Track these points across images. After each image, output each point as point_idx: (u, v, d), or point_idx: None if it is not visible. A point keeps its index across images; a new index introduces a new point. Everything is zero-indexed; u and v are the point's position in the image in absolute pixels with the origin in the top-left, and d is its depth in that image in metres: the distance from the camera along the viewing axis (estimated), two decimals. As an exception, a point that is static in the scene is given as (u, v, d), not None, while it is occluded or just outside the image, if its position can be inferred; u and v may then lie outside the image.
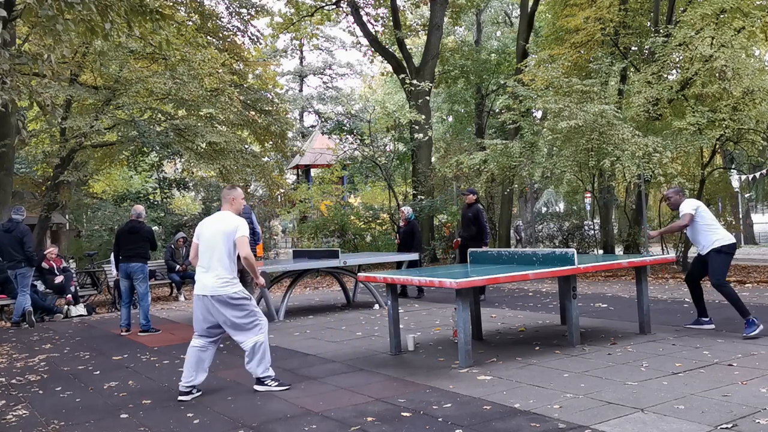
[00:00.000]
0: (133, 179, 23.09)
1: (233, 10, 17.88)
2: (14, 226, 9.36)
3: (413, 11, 24.43)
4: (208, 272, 4.81)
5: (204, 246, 4.88)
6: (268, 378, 4.91)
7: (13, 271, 9.32)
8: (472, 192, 10.15)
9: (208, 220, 5.00)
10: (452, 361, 5.55)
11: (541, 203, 30.54)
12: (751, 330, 5.95)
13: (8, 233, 9.27)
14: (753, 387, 4.30)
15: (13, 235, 9.24)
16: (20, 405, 4.85)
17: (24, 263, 9.29)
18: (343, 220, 17.92)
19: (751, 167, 20.33)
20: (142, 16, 8.42)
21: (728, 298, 6.12)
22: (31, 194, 18.22)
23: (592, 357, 5.48)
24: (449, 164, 15.47)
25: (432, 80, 19.40)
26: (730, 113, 11.42)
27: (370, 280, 6.26)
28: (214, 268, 4.80)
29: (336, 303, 10.52)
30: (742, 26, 12.32)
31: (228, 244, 4.81)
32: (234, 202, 5.05)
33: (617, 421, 3.73)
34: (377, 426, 3.90)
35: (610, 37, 14.43)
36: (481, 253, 7.03)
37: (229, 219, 4.91)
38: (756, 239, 28.58)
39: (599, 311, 8.21)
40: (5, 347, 7.68)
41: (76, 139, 13.91)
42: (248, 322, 4.83)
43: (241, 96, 15.97)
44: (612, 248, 14.69)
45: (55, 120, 12.63)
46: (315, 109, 41.21)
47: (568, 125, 11.02)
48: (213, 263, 4.80)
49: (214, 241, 4.82)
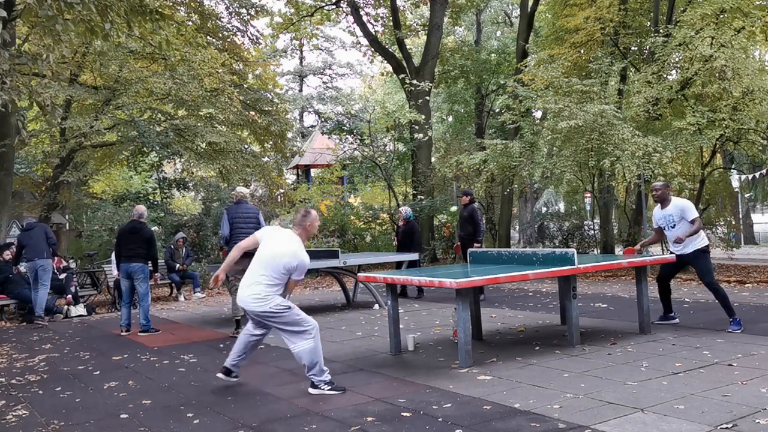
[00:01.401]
0: (133, 179, 23.10)
1: (233, 10, 17.88)
2: (34, 224, 10.01)
3: (413, 11, 24.42)
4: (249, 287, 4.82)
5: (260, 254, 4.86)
6: None
7: (33, 263, 9.61)
8: (467, 193, 10.34)
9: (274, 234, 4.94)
10: (452, 361, 5.55)
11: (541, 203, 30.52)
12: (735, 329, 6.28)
13: (31, 230, 9.79)
14: (753, 387, 4.30)
15: (35, 231, 9.76)
16: (20, 405, 4.85)
17: (47, 255, 9.69)
18: (343, 220, 17.91)
19: (751, 167, 20.33)
20: (141, 16, 8.43)
21: (717, 295, 6.42)
22: (31, 194, 18.22)
23: (592, 357, 5.48)
24: (449, 164, 15.47)
25: (432, 80, 19.39)
26: (730, 113, 11.42)
27: (370, 280, 6.26)
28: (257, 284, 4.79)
29: (336, 303, 10.52)
30: (742, 26, 12.33)
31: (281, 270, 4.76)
32: (310, 229, 4.99)
33: (617, 421, 3.73)
34: (377, 426, 3.90)
35: (610, 37, 14.43)
36: (481, 253, 7.03)
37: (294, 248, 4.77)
38: (756, 239, 28.56)
39: (599, 311, 8.21)
40: (5, 347, 7.68)
41: (76, 139, 13.91)
42: None
43: (241, 96, 15.97)
44: (612, 248, 14.68)
45: (55, 120, 12.64)
46: (315, 109, 41.20)
47: (568, 125, 11.03)
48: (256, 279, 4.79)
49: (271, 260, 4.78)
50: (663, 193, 6.78)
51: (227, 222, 7.76)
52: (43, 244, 9.66)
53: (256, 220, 7.85)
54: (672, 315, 7.06)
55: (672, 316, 7.05)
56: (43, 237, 9.71)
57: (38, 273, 9.60)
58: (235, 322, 7.72)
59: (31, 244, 9.63)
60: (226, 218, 7.79)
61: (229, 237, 7.73)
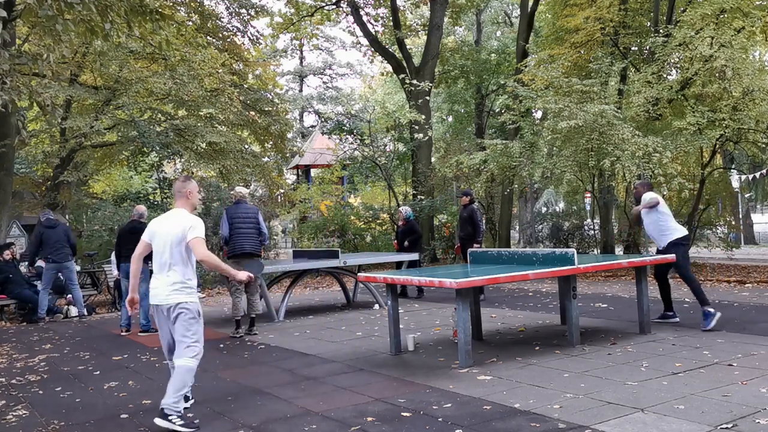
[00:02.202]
0: (133, 179, 23.08)
1: (233, 10, 17.86)
2: (56, 222, 10.00)
3: (413, 11, 24.42)
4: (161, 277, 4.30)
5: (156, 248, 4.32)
6: None
7: (59, 265, 9.77)
8: (466, 193, 10.40)
9: (161, 220, 4.42)
10: (452, 361, 5.55)
11: (541, 203, 30.52)
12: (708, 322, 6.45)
13: (53, 228, 9.83)
14: (753, 387, 4.30)
15: (57, 230, 9.84)
16: (20, 405, 4.85)
17: (70, 257, 9.90)
18: (343, 220, 17.91)
19: (751, 167, 20.33)
20: (142, 16, 8.43)
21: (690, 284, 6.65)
22: (31, 194, 18.20)
23: (592, 357, 5.48)
24: (449, 164, 15.47)
25: (432, 80, 19.39)
26: (730, 113, 11.42)
27: (370, 280, 6.26)
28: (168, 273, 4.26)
29: (336, 303, 10.52)
30: (742, 26, 12.33)
31: (180, 247, 4.25)
32: (191, 197, 4.45)
33: (617, 421, 3.73)
34: (377, 426, 3.90)
35: (610, 37, 14.42)
36: (481, 253, 7.03)
37: (183, 218, 4.30)
38: (756, 239, 28.55)
39: (599, 311, 8.21)
40: (5, 347, 7.68)
41: (76, 139, 13.90)
42: None
43: (241, 96, 15.96)
44: (612, 248, 14.68)
45: (55, 120, 12.63)
46: (315, 109, 41.21)
47: (567, 125, 11.02)
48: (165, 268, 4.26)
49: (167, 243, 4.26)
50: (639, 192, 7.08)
51: (227, 222, 7.78)
52: (66, 246, 9.84)
53: (256, 220, 7.86)
54: (672, 314, 7.10)
55: (671, 315, 7.09)
56: (65, 238, 9.86)
57: (65, 274, 9.94)
58: (235, 322, 7.72)
59: (54, 245, 9.73)
60: (226, 218, 7.81)
61: (228, 237, 7.75)
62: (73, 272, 10.04)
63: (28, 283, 10.41)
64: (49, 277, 9.84)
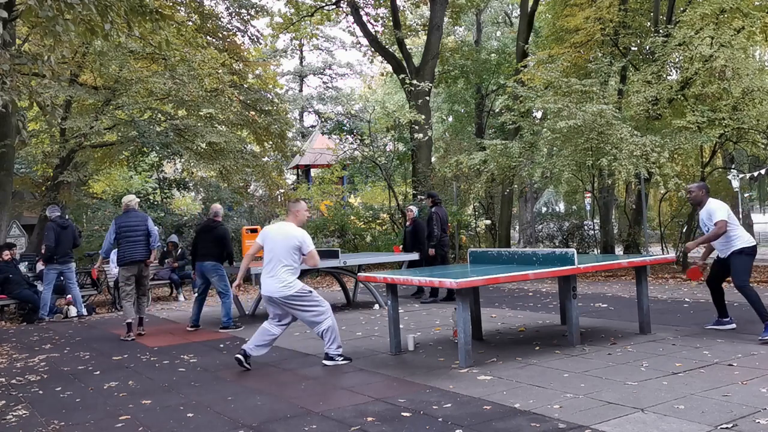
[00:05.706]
0: (133, 179, 23.06)
1: (233, 10, 17.86)
2: (68, 222, 10.19)
3: (413, 11, 24.41)
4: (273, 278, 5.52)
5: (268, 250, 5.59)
6: None
7: (62, 266, 9.92)
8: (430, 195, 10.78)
9: (274, 228, 5.68)
10: (452, 361, 5.55)
11: (541, 203, 30.53)
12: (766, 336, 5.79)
13: (66, 229, 9.96)
14: (753, 387, 4.30)
15: (69, 231, 9.97)
16: (20, 405, 4.85)
17: (73, 258, 10.16)
18: (343, 220, 17.90)
19: (751, 167, 20.32)
20: (142, 16, 8.42)
21: (749, 299, 6.03)
22: (31, 194, 18.19)
23: (592, 357, 5.48)
24: (449, 164, 15.46)
25: (432, 80, 19.37)
26: (730, 113, 11.42)
27: (370, 280, 6.27)
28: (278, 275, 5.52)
29: (336, 303, 10.52)
30: (742, 26, 12.33)
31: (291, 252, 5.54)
32: (299, 215, 5.71)
33: (617, 421, 3.74)
34: (377, 426, 3.90)
35: (610, 37, 14.43)
36: (481, 253, 7.03)
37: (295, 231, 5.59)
38: (756, 239, 28.55)
39: (599, 311, 8.21)
40: (5, 347, 7.68)
41: (75, 139, 13.90)
42: None
43: (241, 96, 15.95)
44: (612, 248, 14.68)
45: (55, 120, 12.62)
46: (315, 109, 41.18)
47: (567, 125, 11.03)
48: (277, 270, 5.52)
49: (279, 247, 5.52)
50: (696, 196, 6.39)
51: (113, 232, 7.93)
52: (71, 246, 10.03)
53: (145, 228, 7.97)
54: (728, 319, 6.56)
55: (727, 321, 6.55)
56: (71, 239, 10.02)
57: (65, 274, 10.05)
58: (126, 325, 7.80)
59: (62, 245, 9.85)
60: (113, 228, 7.95)
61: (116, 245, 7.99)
62: (72, 272, 10.14)
63: (28, 283, 10.40)
64: (52, 277, 9.89)
